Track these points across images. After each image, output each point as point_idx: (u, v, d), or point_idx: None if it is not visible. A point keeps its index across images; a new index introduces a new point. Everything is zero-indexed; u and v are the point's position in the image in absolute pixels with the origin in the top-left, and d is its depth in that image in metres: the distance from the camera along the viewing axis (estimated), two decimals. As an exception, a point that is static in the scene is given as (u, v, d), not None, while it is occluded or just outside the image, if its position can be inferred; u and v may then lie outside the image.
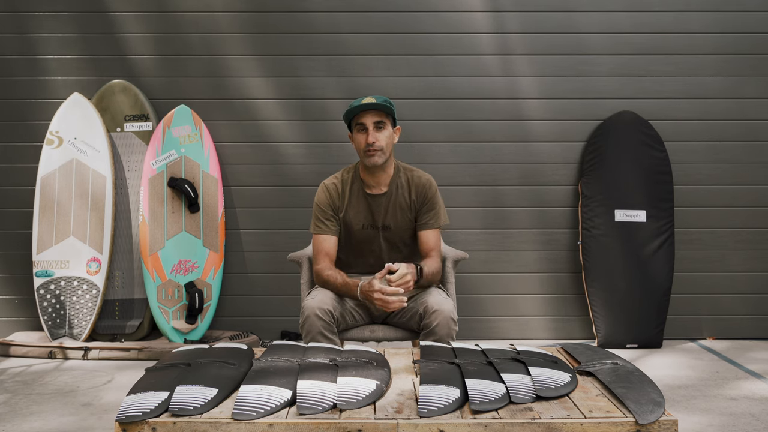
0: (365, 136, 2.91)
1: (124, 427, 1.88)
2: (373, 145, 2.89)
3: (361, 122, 2.92)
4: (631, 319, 4.34)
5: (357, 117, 2.92)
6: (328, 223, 3.01)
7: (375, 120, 2.91)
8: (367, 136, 2.90)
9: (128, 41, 4.52)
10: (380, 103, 2.88)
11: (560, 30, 4.52)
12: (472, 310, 4.53)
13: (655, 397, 2.03)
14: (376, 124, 2.91)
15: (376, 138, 2.90)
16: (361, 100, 2.91)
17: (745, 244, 4.56)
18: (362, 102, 2.90)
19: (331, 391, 2.01)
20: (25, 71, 4.52)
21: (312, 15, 4.52)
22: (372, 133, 2.90)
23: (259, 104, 4.54)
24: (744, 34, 4.53)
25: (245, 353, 2.39)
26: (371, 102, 2.88)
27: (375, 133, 2.90)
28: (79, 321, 4.24)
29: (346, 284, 2.89)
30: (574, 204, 4.54)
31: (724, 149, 4.55)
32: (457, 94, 4.53)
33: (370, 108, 2.89)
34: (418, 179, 3.03)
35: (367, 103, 2.89)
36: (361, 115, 2.91)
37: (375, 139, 2.89)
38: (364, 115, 2.91)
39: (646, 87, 4.53)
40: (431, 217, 3.02)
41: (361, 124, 2.92)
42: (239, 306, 4.55)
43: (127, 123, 4.45)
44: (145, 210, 4.30)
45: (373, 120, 2.91)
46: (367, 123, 2.91)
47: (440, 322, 2.78)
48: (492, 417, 1.91)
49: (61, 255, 4.27)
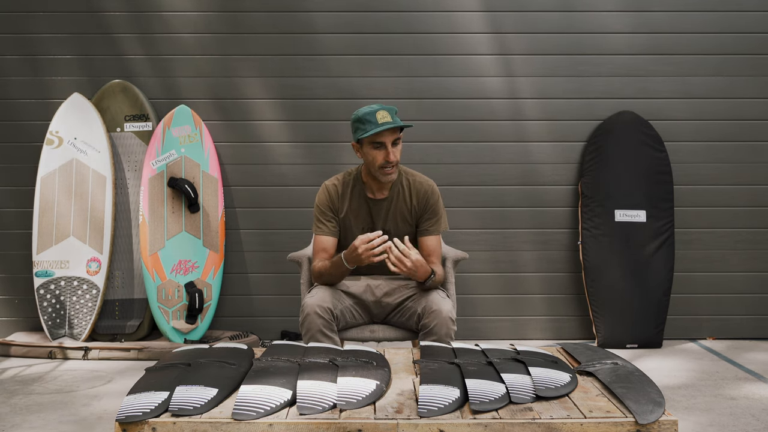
0: (383, 154, 2.86)
1: (124, 427, 1.88)
2: (392, 163, 2.87)
3: (380, 141, 2.85)
4: (631, 319, 4.34)
5: (375, 135, 2.85)
6: (327, 224, 3.01)
7: (393, 138, 2.87)
8: (387, 154, 2.85)
9: (128, 41, 4.52)
10: (400, 124, 2.84)
11: (560, 30, 4.52)
12: (472, 310, 4.53)
13: (655, 397, 2.03)
14: (393, 142, 2.87)
15: (395, 155, 2.87)
16: (375, 113, 2.83)
17: (745, 244, 4.56)
18: (378, 119, 2.82)
19: (331, 391, 2.01)
20: (25, 71, 4.53)
21: (312, 15, 4.52)
22: (392, 152, 2.86)
23: (259, 104, 4.54)
24: (743, 34, 4.53)
25: (245, 353, 2.39)
26: (388, 121, 2.82)
27: (393, 151, 2.87)
28: (79, 321, 4.23)
29: (333, 263, 2.87)
30: (574, 204, 4.54)
31: (724, 149, 4.55)
32: (456, 95, 4.53)
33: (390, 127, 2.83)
34: (419, 185, 3.01)
35: (385, 122, 2.81)
36: (380, 133, 2.85)
37: (395, 157, 2.86)
38: (384, 134, 2.85)
39: (646, 87, 4.53)
40: (433, 224, 3.01)
41: (380, 143, 2.86)
42: (239, 306, 4.55)
43: (127, 123, 4.45)
44: (145, 210, 4.30)
45: (392, 138, 2.86)
46: (386, 142, 2.85)
47: (439, 322, 2.78)
48: (492, 417, 1.91)
49: (61, 255, 4.27)
